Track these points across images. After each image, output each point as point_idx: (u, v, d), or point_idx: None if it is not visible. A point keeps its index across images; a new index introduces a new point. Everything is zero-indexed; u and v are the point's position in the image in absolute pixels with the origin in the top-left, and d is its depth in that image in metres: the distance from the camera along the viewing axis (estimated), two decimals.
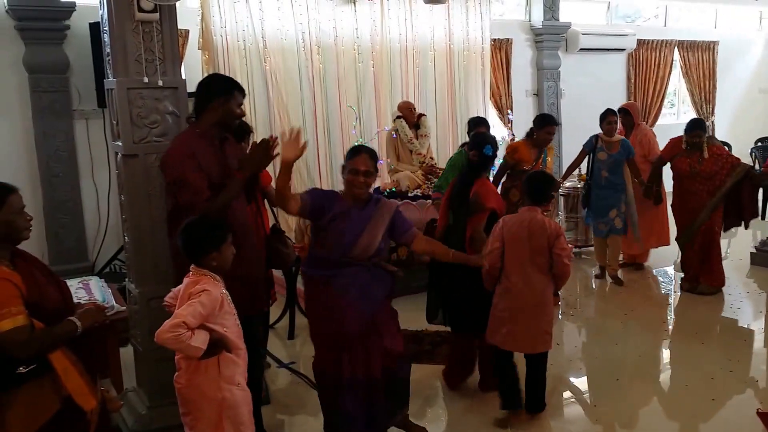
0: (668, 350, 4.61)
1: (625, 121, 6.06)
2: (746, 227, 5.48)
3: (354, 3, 6.79)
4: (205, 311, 2.48)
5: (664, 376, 4.25)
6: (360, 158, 2.97)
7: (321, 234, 3.00)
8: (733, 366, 4.22)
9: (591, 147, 5.72)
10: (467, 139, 4.95)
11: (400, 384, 3.20)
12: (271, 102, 6.48)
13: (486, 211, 3.58)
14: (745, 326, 4.94)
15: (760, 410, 3.46)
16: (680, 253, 5.63)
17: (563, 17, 8.70)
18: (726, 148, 6.06)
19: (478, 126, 5.17)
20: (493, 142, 3.80)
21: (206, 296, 2.50)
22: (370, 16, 6.95)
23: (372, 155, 3.03)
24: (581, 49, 8.82)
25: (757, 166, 5.47)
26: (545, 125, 5.09)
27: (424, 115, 6.42)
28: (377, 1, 6.98)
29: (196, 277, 2.57)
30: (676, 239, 5.63)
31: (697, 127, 5.28)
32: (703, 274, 5.44)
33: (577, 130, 7.55)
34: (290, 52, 6.56)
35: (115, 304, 3.70)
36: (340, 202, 3.00)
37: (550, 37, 8.60)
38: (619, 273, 5.88)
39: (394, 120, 6.24)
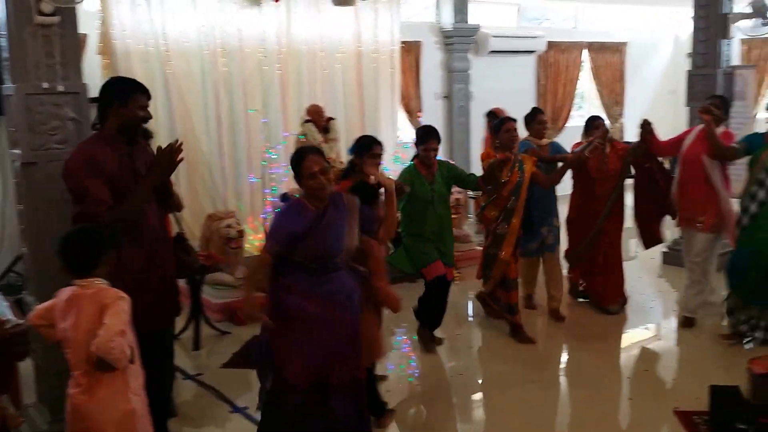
0: (585, 351, 4.96)
1: (492, 126, 5.86)
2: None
3: (259, 5, 7.02)
4: (127, 318, 2.56)
5: (581, 378, 4.57)
6: (310, 160, 3.06)
7: (300, 245, 3.06)
8: (649, 365, 4.73)
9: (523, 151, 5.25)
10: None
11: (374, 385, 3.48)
12: (173, 107, 6.62)
13: None
14: (658, 325, 5.43)
15: (677, 409, 3.91)
16: (571, 267, 5.71)
17: (473, 19, 9.32)
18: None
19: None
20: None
21: (125, 303, 2.59)
22: (275, 18, 7.18)
23: (317, 151, 3.18)
24: (491, 52, 9.49)
25: (667, 165, 5.85)
26: (503, 124, 5.00)
27: (333, 118, 6.79)
28: (283, 3, 7.21)
29: (93, 288, 2.60)
30: (568, 254, 5.68)
31: (598, 123, 5.43)
32: (606, 292, 5.51)
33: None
34: (193, 55, 6.75)
35: (12, 317, 3.82)
36: (305, 211, 3.09)
37: (460, 39, 9.21)
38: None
39: (303, 124, 6.58)
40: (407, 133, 8.40)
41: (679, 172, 5.21)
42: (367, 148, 4.28)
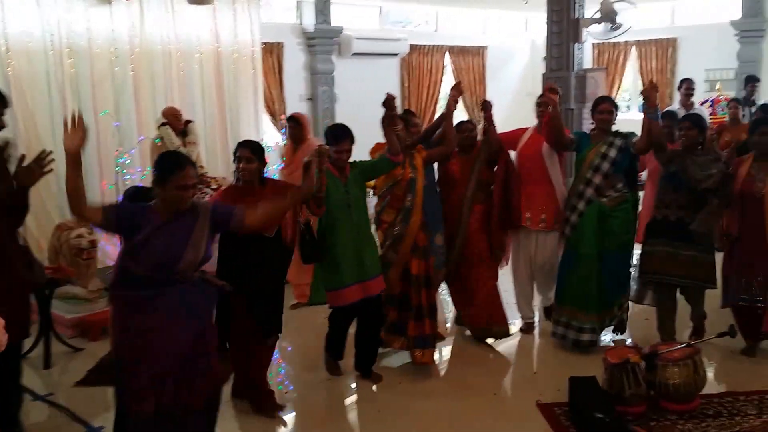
0: (449, 347, 5.16)
1: (294, 133, 5.91)
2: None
3: (110, 3, 6.82)
4: None
5: (446, 375, 4.73)
6: (187, 172, 2.97)
7: (136, 251, 2.95)
8: (513, 359, 4.96)
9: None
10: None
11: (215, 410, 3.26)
12: (15, 110, 6.29)
13: None
14: (520, 320, 5.53)
15: (539, 401, 4.13)
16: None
17: (336, 21, 9.48)
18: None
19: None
20: None
21: None
22: (128, 17, 7.01)
23: (194, 165, 3.08)
24: (355, 54, 9.70)
25: None
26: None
27: (191, 121, 6.67)
28: (135, 1, 7.04)
29: None
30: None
31: (466, 126, 5.15)
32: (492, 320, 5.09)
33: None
34: (37, 55, 6.46)
35: None
36: (151, 215, 2.98)
37: (323, 41, 9.34)
38: None
39: (159, 127, 6.42)
40: (271, 136, 8.40)
41: (518, 171, 5.15)
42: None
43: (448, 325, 5.58)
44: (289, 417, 4.13)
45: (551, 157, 5.07)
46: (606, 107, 4.86)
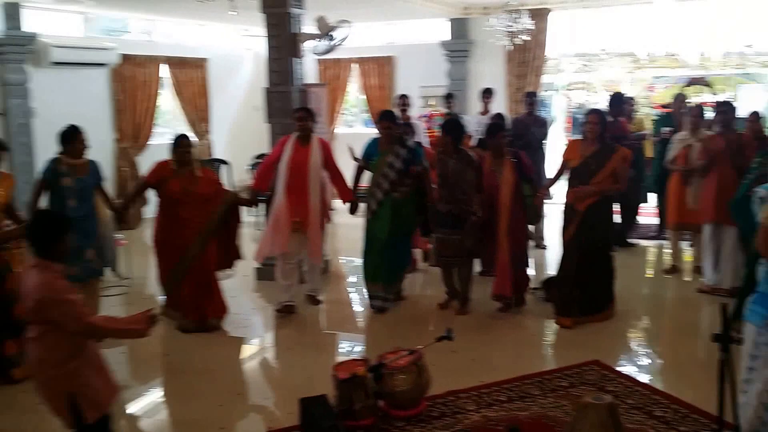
0: (162, 387, 4.96)
1: None
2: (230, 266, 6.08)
3: None
4: None
5: (173, 408, 4.60)
6: None
7: None
8: (241, 389, 4.83)
9: (51, 173, 5.28)
10: None
11: None
12: None
13: None
14: (255, 343, 5.68)
15: (270, 429, 4.05)
16: (168, 295, 5.79)
17: (32, 27, 8.59)
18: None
19: None
20: None
21: None
22: None
23: None
24: (55, 63, 8.85)
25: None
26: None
27: None
28: None
29: None
30: (163, 282, 5.79)
31: (185, 142, 5.66)
32: (209, 308, 5.75)
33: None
34: None
35: None
36: None
37: (14, 48, 8.41)
38: None
39: None
40: None
41: (283, 181, 6.02)
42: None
43: None
44: None
45: (317, 168, 6.06)
46: (384, 125, 6.09)
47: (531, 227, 7.24)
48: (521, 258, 6.06)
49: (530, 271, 6.43)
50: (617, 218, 7.21)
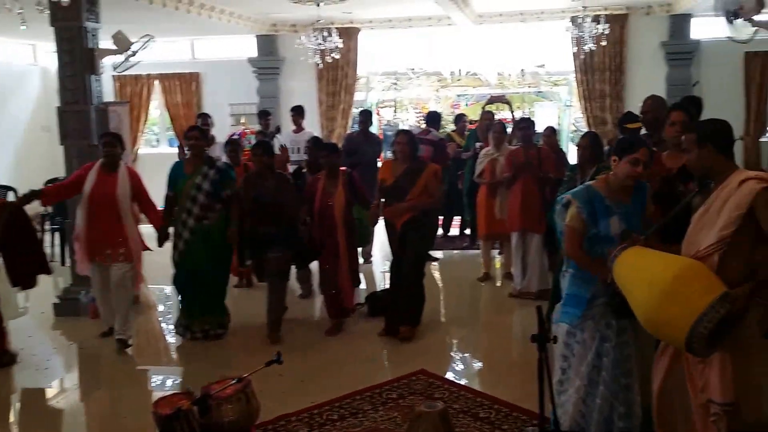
0: None
1: None
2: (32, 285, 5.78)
3: None
4: None
5: None
6: None
7: None
8: None
9: None
10: None
11: None
12: None
13: None
14: (58, 386, 5.31)
15: None
16: None
17: None
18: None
19: None
20: None
21: None
22: None
23: None
24: None
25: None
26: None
27: None
28: None
29: None
30: None
31: None
32: None
33: None
34: None
35: None
36: None
37: None
38: None
39: None
40: None
41: (85, 210, 5.75)
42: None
43: None
44: None
45: (125, 198, 5.73)
46: (192, 135, 5.90)
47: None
48: (354, 275, 6.19)
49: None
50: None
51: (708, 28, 9.60)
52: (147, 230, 6.05)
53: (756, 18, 6.21)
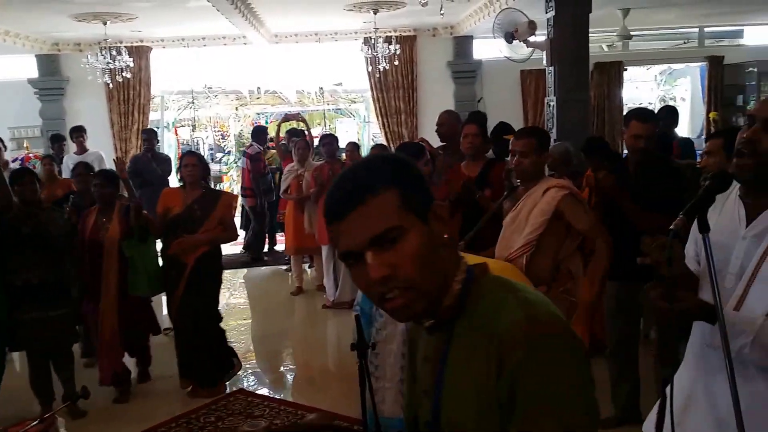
0: None
1: None
2: None
3: None
4: None
5: None
6: None
7: None
8: None
9: None
10: None
11: None
12: None
13: None
14: None
15: None
16: None
17: None
18: None
19: None
20: None
21: None
22: None
23: None
24: None
25: None
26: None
27: None
28: None
29: None
30: None
31: None
32: None
33: None
34: None
35: None
36: None
37: None
38: None
39: None
40: None
41: None
42: None
43: None
44: None
45: None
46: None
47: None
48: (146, 326, 5.36)
49: None
50: None
51: (488, 48, 10.38)
52: None
53: (531, 39, 6.97)
